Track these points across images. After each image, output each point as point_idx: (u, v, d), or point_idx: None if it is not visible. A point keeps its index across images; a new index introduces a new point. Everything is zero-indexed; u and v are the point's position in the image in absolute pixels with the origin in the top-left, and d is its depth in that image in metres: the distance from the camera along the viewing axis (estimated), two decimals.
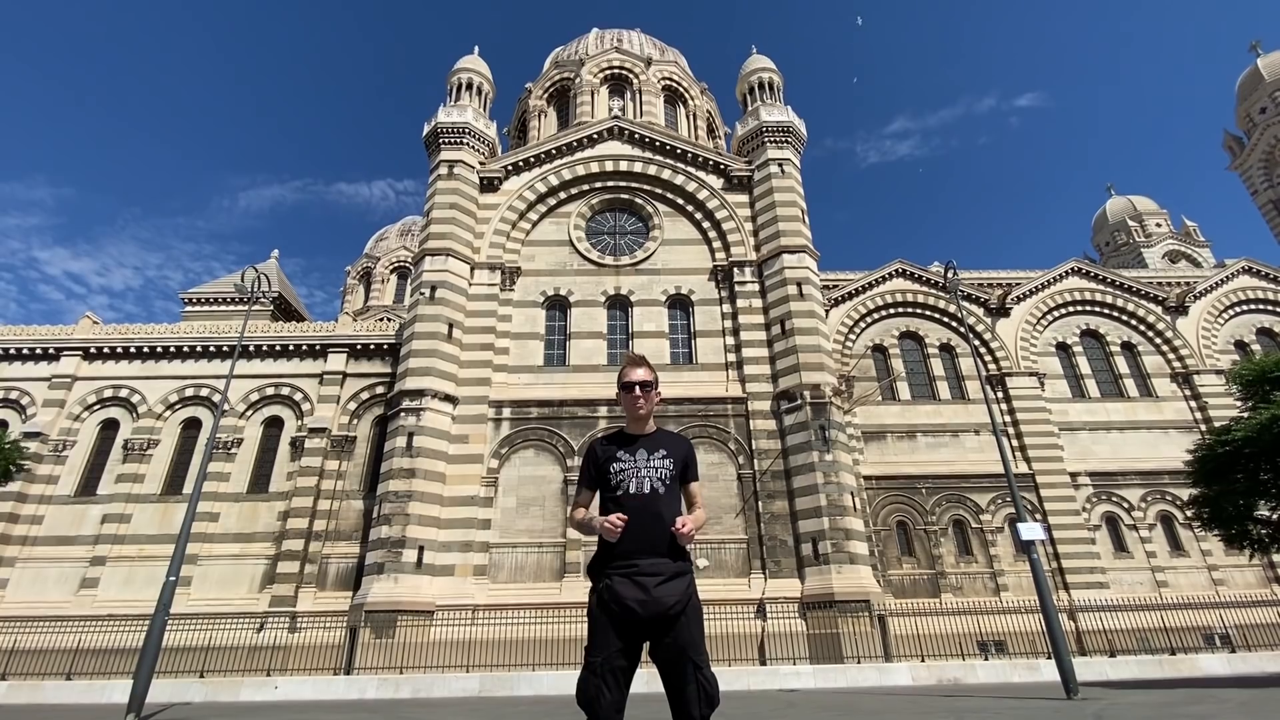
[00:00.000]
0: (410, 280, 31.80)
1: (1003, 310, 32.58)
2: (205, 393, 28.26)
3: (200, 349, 28.95)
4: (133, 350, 28.89)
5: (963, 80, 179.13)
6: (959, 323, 31.23)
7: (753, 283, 28.76)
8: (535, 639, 19.67)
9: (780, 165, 31.00)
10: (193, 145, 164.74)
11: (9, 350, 28.49)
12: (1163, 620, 21.44)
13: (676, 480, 3.20)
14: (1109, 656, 18.86)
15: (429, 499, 23.62)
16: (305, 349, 29.16)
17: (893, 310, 32.95)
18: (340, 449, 26.98)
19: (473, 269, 28.75)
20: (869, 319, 32.62)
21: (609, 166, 31.53)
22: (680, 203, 31.15)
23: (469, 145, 31.23)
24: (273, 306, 40.07)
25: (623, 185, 31.59)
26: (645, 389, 3.30)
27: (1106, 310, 33.60)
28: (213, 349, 28.95)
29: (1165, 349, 32.46)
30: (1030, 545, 13.51)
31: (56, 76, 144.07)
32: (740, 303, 28.36)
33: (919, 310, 32.96)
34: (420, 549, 22.70)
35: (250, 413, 28.15)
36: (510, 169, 31.29)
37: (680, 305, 29.19)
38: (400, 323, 29.83)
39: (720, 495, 24.40)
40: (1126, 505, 28.45)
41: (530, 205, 30.75)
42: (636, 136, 32.14)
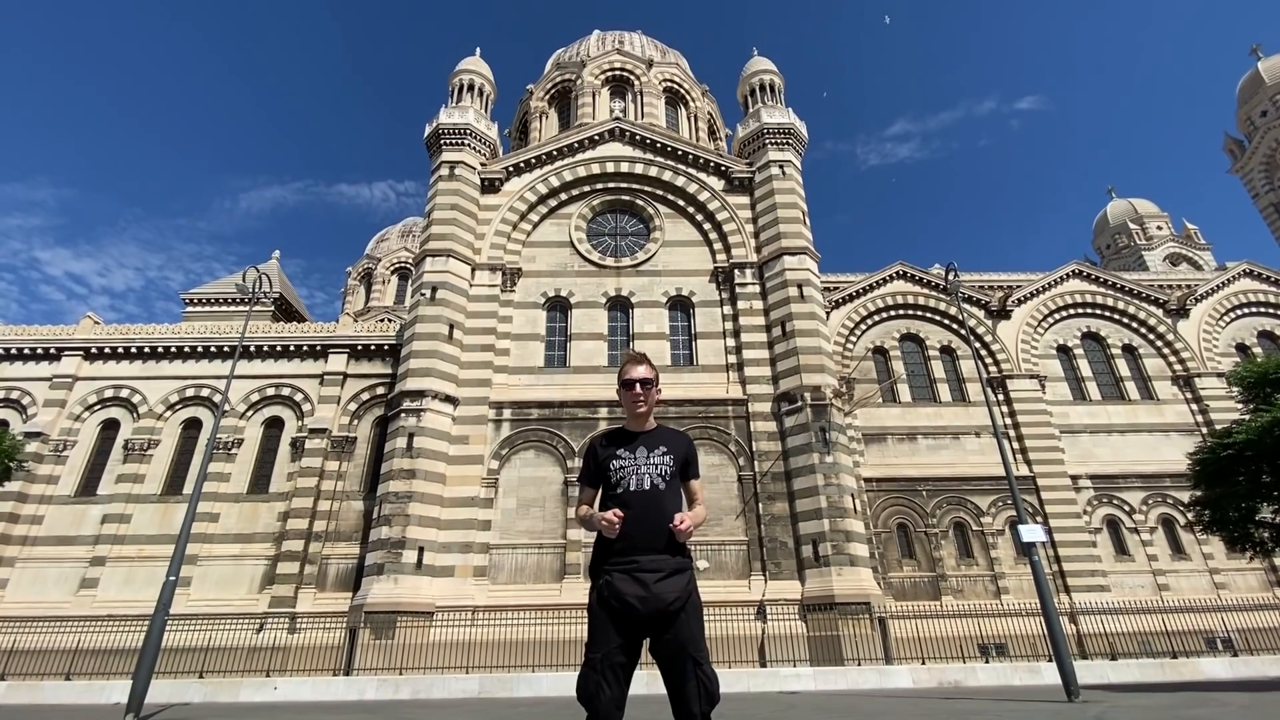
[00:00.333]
0: (411, 281, 31.81)
1: (1004, 312, 32.56)
2: (206, 393, 28.27)
3: (201, 349, 28.96)
4: (133, 350, 28.91)
5: (963, 83, 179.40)
6: (960, 325, 31.21)
7: (754, 284, 28.77)
8: (535, 640, 19.64)
9: (781, 167, 31.03)
10: (194, 147, 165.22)
11: (10, 350, 28.51)
12: (1164, 623, 21.38)
13: (677, 477, 3.20)
14: (1110, 660, 18.78)
15: (429, 500, 23.61)
16: (306, 349, 29.17)
17: (893, 312, 32.94)
18: (340, 449, 26.98)
19: (474, 270, 28.77)
20: (870, 321, 32.61)
21: (610, 168, 31.55)
22: (681, 204, 31.17)
23: (470, 146, 31.27)
24: (274, 307, 40.09)
25: (624, 186, 31.61)
26: (646, 386, 3.30)
27: (1107, 313, 33.58)
28: (213, 349, 28.96)
29: (1166, 352, 32.43)
30: (1031, 547, 13.47)
31: (59, 78, 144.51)
32: (741, 304, 28.36)
33: (920, 312, 32.94)
34: (420, 550, 22.68)
35: (251, 413, 28.15)
36: (511, 170, 31.32)
37: (681, 307, 29.19)
38: (401, 323, 29.83)
39: (720, 497, 24.37)
40: (1128, 508, 28.40)
41: (531, 206, 30.78)
42: (638, 138, 32.17)
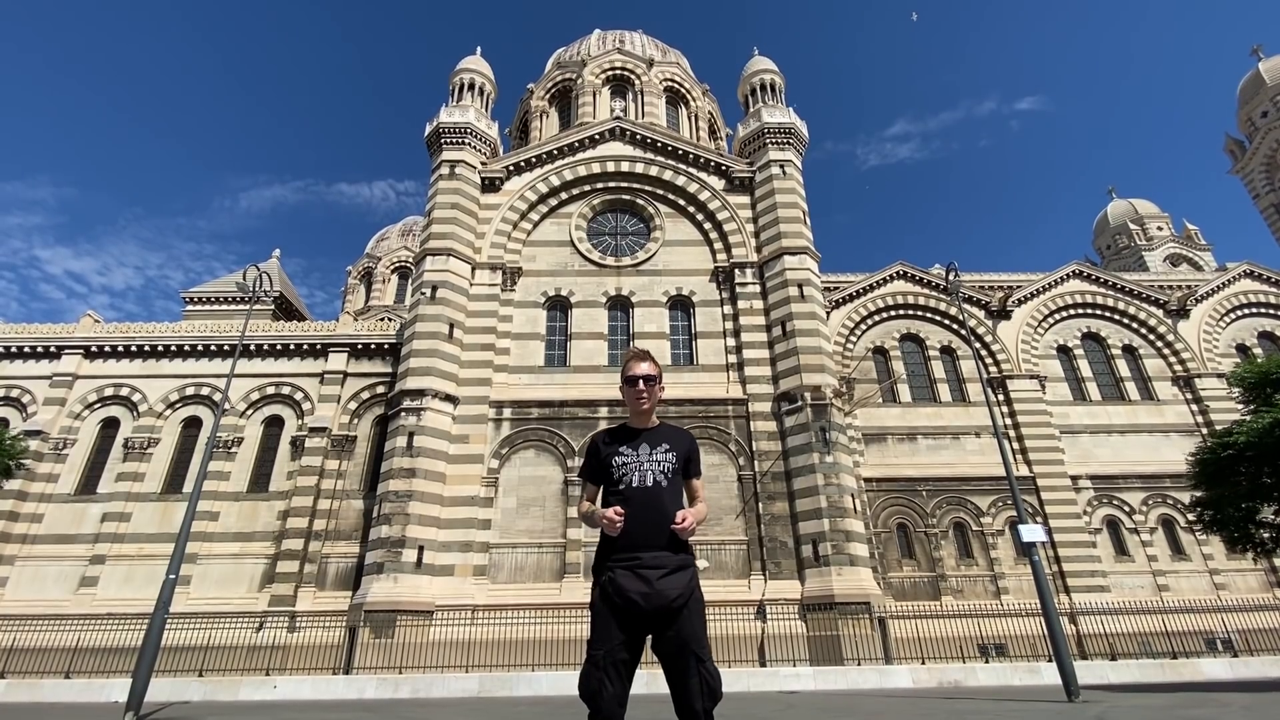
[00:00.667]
0: (411, 280, 31.79)
1: (1004, 313, 32.55)
2: (206, 392, 28.26)
3: (201, 348, 28.95)
4: (134, 349, 28.90)
5: (963, 83, 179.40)
6: (960, 325, 31.20)
7: (754, 284, 28.75)
8: (535, 639, 19.63)
9: (782, 166, 31.01)
10: (194, 145, 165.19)
11: (10, 348, 28.50)
12: (1164, 624, 21.36)
13: (679, 474, 3.20)
14: (1110, 660, 18.77)
15: (429, 499, 23.60)
16: (306, 348, 29.16)
17: (894, 312, 32.93)
18: (340, 448, 26.96)
19: (474, 269, 28.75)
20: (870, 321, 32.60)
21: (610, 167, 31.54)
22: (681, 204, 31.15)
23: (471, 145, 31.25)
24: (274, 306, 40.07)
25: (624, 186, 31.59)
26: (649, 383, 3.30)
27: (1108, 313, 33.57)
28: (213, 348, 28.95)
29: (1166, 352, 32.42)
30: (1032, 547, 13.46)
31: (59, 76, 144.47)
32: (741, 304, 28.35)
33: (920, 312, 32.93)
34: (420, 549, 22.67)
35: (251, 412, 28.14)
36: (512, 169, 31.30)
37: (681, 306, 29.18)
38: (401, 323, 29.83)
39: (720, 496, 24.36)
40: (1127, 508, 28.39)
41: (532, 205, 30.77)
42: (638, 137, 32.16)
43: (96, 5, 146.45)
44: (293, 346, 29.17)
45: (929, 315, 32.86)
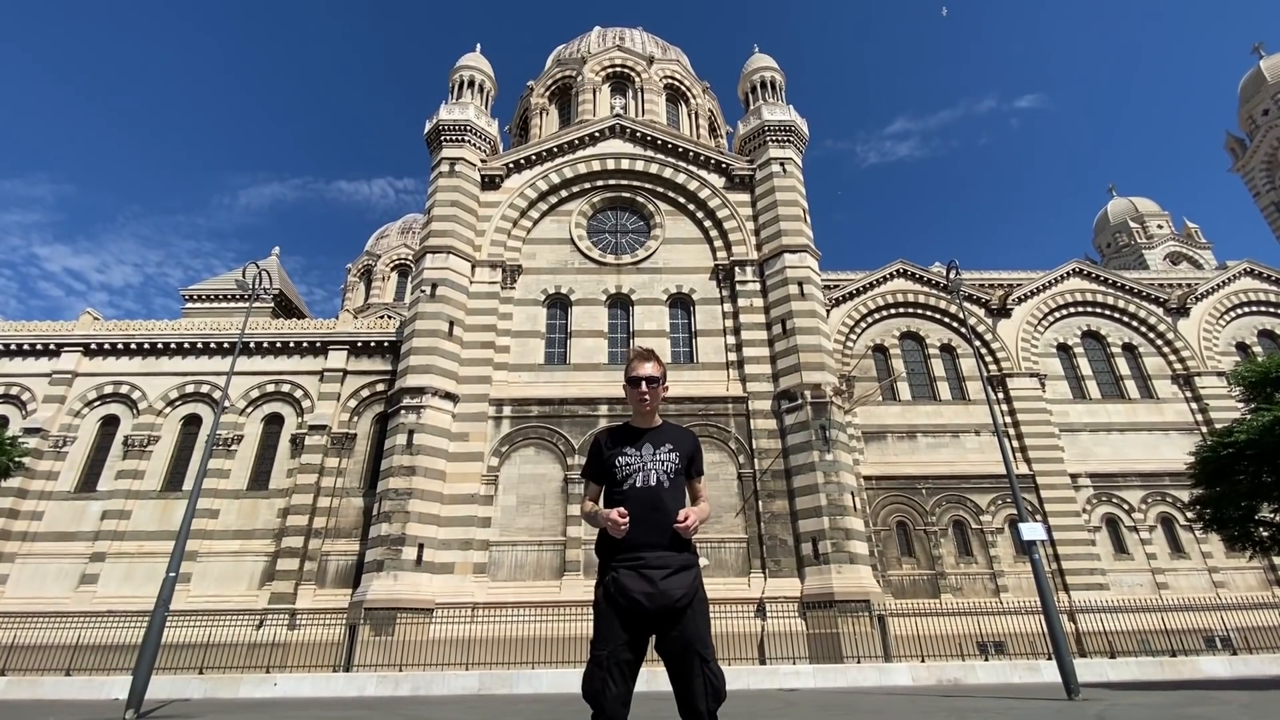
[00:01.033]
0: (411, 278, 31.74)
1: (1004, 311, 32.55)
2: (205, 389, 28.25)
3: (201, 345, 28.93)
4: (133, 347, 28.88)
5: (962, 81, 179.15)
6: (960, 323, 31.21)
7: (754, 282, 28.73)
8: (535, 637, 19.66)
9: (782, 164, 30.97)
10: (193, 143, 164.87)
11: (10, 346, 28.48)
12: (1163, 622, 21.39)
13: (682, 474, 3.19)
14: (1109, 658, 18.82)
15: (429, 497, 23.60)
16: (306, 346, 29.14)
17: (894, 310, 32.92)
18: (340, 446, 26.96)
19: (474, 267, 28.72)
20: (870, 319, 32.59)
21: (610, 165, 31.48)
22: (682, 201, 31.11)
23: (470, 143, 31.19)
24: (273, 303, 40.07)
25: (624, 184, 31.55)
26: (652, 384, 3.28)
27: (1108, 311, 33.57)
28: (213, 345, 28.93)
29: (1166, 350, 32.43)
30: (1032, 546, 13.46)
31: (58, 74, 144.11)
32: (741, 302, 28.33)
33: (920, 311, 32.92)
34: (420, 547, 22.68)
35: (250, 409, 28.14)
36: (512, 167, 31.25)
37: (681, 304, 29.16)
38: (401, 320, 29.81)
39: (720, 494, 24.38)
40: (1127, 507, 28.42)
41: (531, 203, 30.72)
42: (638, 135, 32.10)
43: (94, 2, 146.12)
44: (292, 344, 29.15)
45: (929, 313, 32.85)
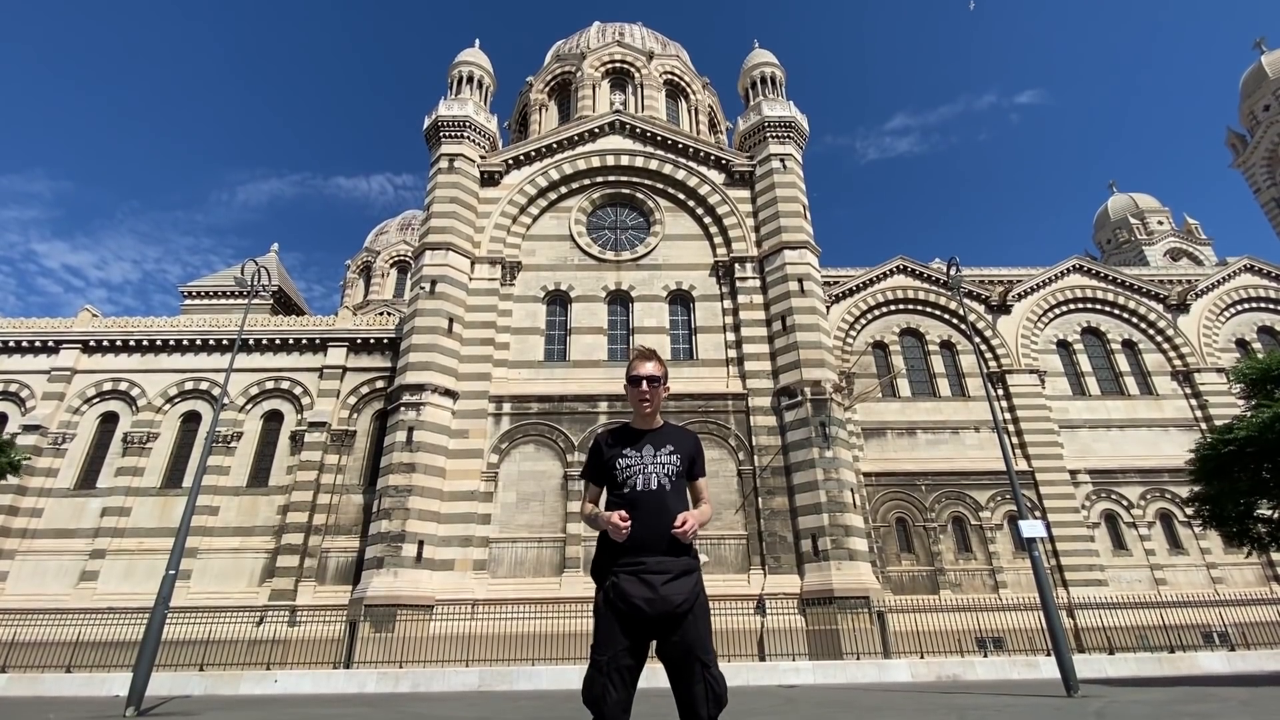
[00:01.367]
0: (410, 274, 31.71)
1: (1004, 307, 32.53)
2: (205, 386, 28.22)
3: (200, 342, 28.89)
4: (132, 343, 28.84)
5: (962, 77, 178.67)
6: (960, 320, 31.19)
7: (754, 278, 28.69)
8: (535, 634, 19.69)
9: (782, 160, 30.88)
10: (191, 139, 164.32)
11: (8, 343, 28.44)
12: (1161, 618, 21.45)
13: (683, 477, 3.15)
14: (1108, 654, 18.86)
15: (429, 494, 23.61)
16: (305, 343, 29.11)
17: (893, 307, 32.90)
18: (340, 443, 26.96)
19: (473, 263, 28.66)
20: (870, 315, 32.57)
21: (610, 161, 31.40)
22: (682, 198, 31.04)
23: (469, 139, 31.08)
24: (272, 300, 40.00)
25: (624, 180, 31.47)
26: (653, 384, 3.24)
27: (1108, 308, 33.56)
28: (212, 342, 28.89)
29: (1166, 347, 32.43)
30: (1032, 543, 13.47)
31: (54, 70, 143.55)
32: (741, 298, 28.30)
33: (920, 307, 32.90)
34: (420, 543, 22.70)
35: (250, 406, 28.12)
36: (511, 163, 31.15)
37: (681, 301, 29.12)
38: (400, 317, 29.77)
39: (720, 491, 24.40)
40: (1126, 503, 28.47)
41: (531, 200, 30.64)
42: (638, 131, 32.00)
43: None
44: (291, 341, 29.12)
45: (929, 310, 32.82)
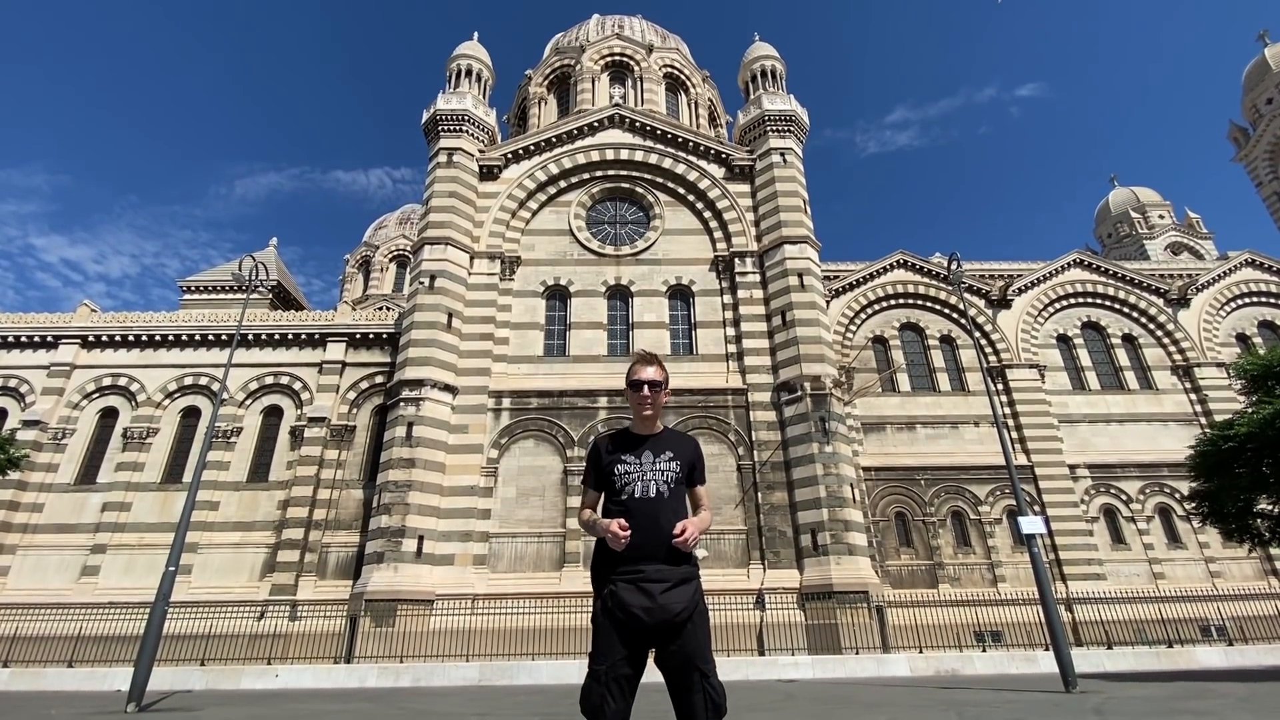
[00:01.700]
0: (409, 269, 31.64)
1: (1004, 302, 32.46)
2: (204, 381, 28.20)
3: (199, 337, 28.84)
4: (131, 339, 28.79)
5: (962, 70, 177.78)
6: (960, 314, 31.13)
7: (754, 273, 28.62)
8: (535, 628, 19.76)
9: (782, 154, 30.74)
10: (189, 133, 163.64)
11: (7, 338, 28.38)
12: (1160, 612, 21.54)
13: (682, 483, 3.11)
14: (1106, 648, 18.92)
15: (429, 489, 23.63)
16: (304, 338, 29.06)
17: (893, 301, 32.83)
18: (340, 438, 26.96)
19: (472, 258, 28.57)
20: (869, 310, 32.50)
21: (609, 155, 31.26)
22: (681, 192, 30.92)
23: (468, 133, 30.92)
24: (271, 295, 39.91)
25: (623, 174, 31.33)
26: (654, 389, 3.20)
27: (1108, 302, 33.48)
28: (211, 337, 28.84)
29: (1166, 341, 32.38)
30: (1031, 539, 13.48)
31: (53, 64, 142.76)
32: (741, 293, 28.24)
33: (920, 301, 32.83)
34: (420, 538, 22.74)
35: (249, 401, 28.10)
36: (510, 157, 31.01)
37: (681, 295, 29.06)
38: (399, 312, 29.71)
39: (720, 486, 24.42)
40: (1125, 497, 28.51)
41: (530, 194, 30.52)
42: (637, 125, 31.84)
43: None
44: (291, 336, 29.06)
45: (929, 304, 32.76)
